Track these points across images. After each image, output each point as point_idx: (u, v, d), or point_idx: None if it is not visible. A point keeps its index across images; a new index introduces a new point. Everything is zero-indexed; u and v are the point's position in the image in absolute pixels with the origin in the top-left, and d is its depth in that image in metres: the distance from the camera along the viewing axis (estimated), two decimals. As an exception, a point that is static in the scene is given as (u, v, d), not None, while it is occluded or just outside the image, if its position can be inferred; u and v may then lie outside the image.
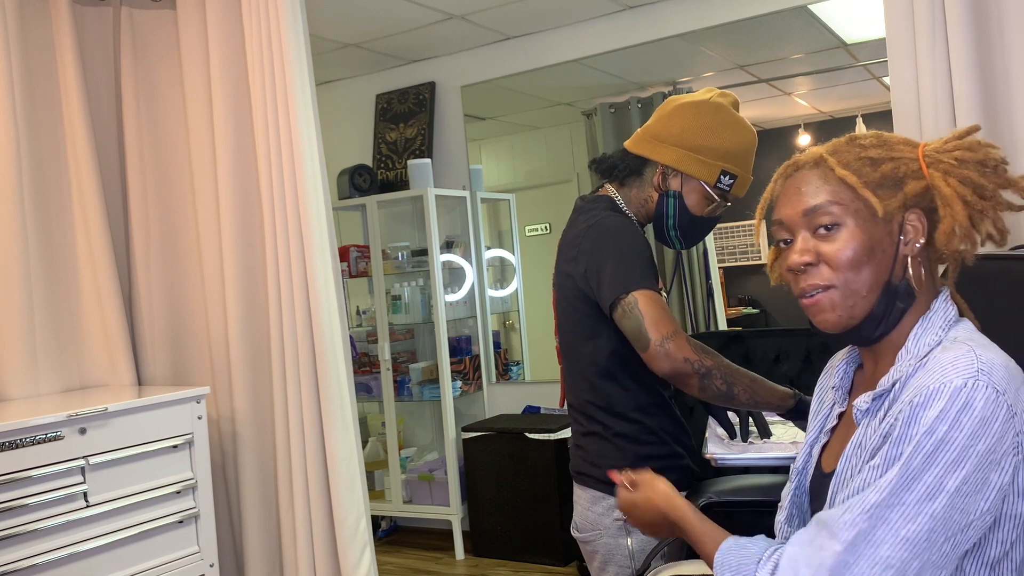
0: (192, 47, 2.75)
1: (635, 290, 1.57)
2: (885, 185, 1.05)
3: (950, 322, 1.04)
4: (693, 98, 1.72)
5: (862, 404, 1.05)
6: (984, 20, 1.63)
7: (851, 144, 1.09)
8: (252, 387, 2.70)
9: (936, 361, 0.96)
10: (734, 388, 1.54)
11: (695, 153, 1.68)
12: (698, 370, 1.52)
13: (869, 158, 1.06)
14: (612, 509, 1.65)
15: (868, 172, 1.05)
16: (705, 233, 1.79)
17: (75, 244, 2.69)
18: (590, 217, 1.71)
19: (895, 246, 1.05)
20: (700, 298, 3.83)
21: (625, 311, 1.57)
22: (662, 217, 1.73)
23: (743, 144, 1.70)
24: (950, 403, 0.90)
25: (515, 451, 3.77)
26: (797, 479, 1.20)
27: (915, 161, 1.05)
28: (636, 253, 1.62)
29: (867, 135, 1.10)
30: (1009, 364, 0.96)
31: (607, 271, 1.60)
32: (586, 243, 1.67)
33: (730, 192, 1.70)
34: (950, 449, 0.89)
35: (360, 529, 2.51)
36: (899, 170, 1.05)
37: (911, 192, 1.04)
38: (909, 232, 1.05)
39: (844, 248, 1.04)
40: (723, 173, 1.67)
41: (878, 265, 1.04)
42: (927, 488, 0.89)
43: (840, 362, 1.20)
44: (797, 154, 1.13)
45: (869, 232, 1.04)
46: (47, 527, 2.09)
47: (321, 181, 2.55)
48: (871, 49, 3.40)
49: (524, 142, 4.37)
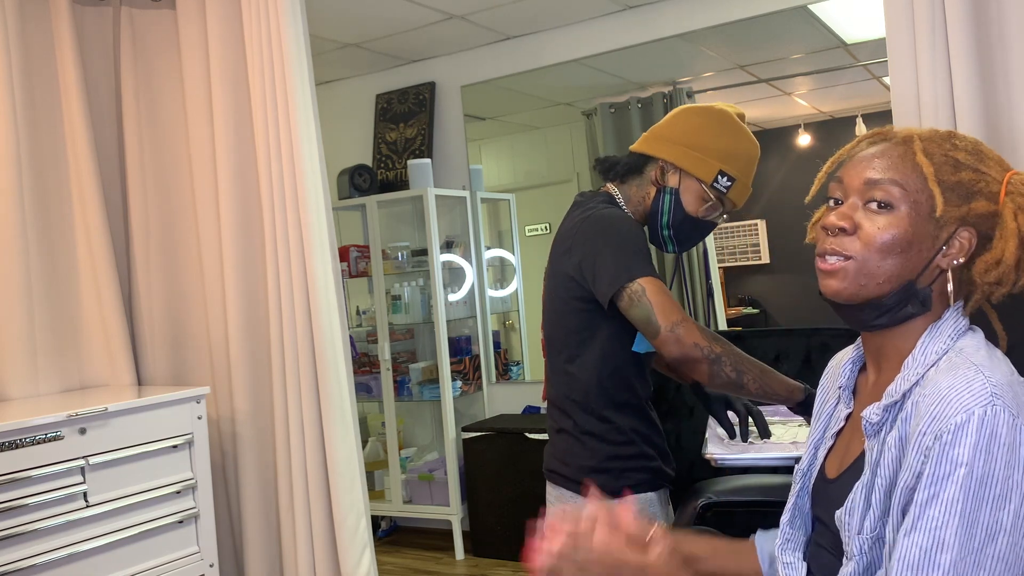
0: (192, 47, 2.75)
1: (639, 277, 1.57)
2: (956, 191, 1.02)
3: (959, 331, 1.02)
4: (699, 104, 1.75)
5: (872, 417, 1.01)
6: (984, 20, 1.63)
7: (946, 139, 1.06)
8: (252, 387, 2.70)
9: (950, 388, 0.93)
10: (744, 377, 1.53)
11: (694, 150, 1.69)
12: (708, 356, 1.52)
13: (955, 159, 1.03)
14: (579, 509, 1.66)
15: (947, 171, 1.02)
16: (698, 237, 1.78)
17: (75, 244, 2.69)
18: (586, 210, 1.72)
19: (935, 252, 1.02)
20: (700, 298, 3.83)
21: (632, 300, 1.57)
22: (657, 214, 1.73)
23: (744, 150, 1.71)
24: (978, 436, 0.88)
25: (515, 451, 3.77)
26: (801, 481, 1.20)
27: (997, 183, 1.02)
28: (634, 242, 1.62)
29: (967, 139, 1.07)
30: (1013, 380, 0.94)
31: (606, 261, 1.61)
32: (581, 235, 1.67)
33: (727, 195, 1.70)
34: (993, 484, 0.87)
35: (360, 529, 2.51)
36: (976, 184, 1.02)
37: (977, 210, 1.01)
38: (955, 246, 1.02)
39: (884, 231, 1.01)
40: (721, 173, 1.68)
41: (908, 262, 1.02)
42: (987, 529, 0.87)
43: (847, 361, 1.18)
44: (890, 126, 1.10)
45: (916, 227, 1.01)
46: (47, 527, 2.09)
47: (321, 181, 2.55)
48: (871, 49, 3.40)
49: (524, 142, 4.37)
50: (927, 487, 0.90)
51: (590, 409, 1.68)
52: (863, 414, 1.03)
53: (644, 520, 1.08)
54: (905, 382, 1.00)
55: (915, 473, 0.92)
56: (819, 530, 1.15)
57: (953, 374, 0.95)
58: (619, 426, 1.67)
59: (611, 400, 1.68)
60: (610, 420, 1.68)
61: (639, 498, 1.67)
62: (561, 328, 1.72)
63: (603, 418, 1.68)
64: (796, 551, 1.18)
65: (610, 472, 1.66)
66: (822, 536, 1.13)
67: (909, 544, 0.90)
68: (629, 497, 1.66)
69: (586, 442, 1.68)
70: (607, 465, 1.67)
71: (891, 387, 1.01)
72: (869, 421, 1.02)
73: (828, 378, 1.26)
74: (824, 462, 1.16)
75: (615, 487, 1.66)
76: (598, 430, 1.68)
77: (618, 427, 1.67)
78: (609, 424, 1.68)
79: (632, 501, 1.67)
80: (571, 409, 1.71)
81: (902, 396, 1.00)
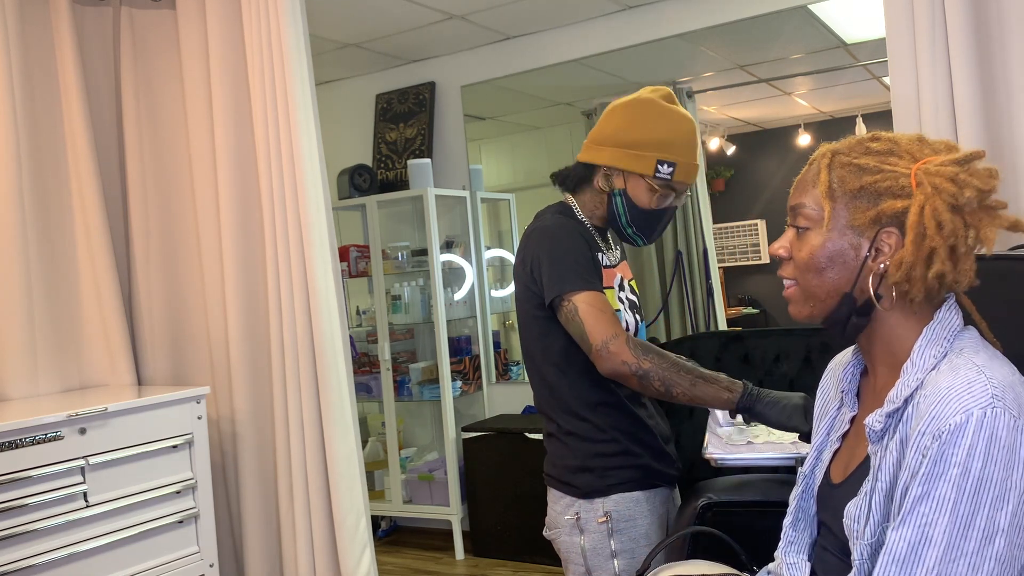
0: (192, 47, 2.75)
1: (571, 293, 1.62)
2: (863, 197, 1.02)
3: (955, 332, 1.02)
4: (625, 98, 1.77)
5: (875, 424, 1.01)
6: (984, 20, 1.63)
7: (857, 146, 1.06)
8: (252, 387, 2.70)
9: (950, 388, 0.93)
10: (673, 389, 1.56)
11: (628, 148, 1.70)
12: (635, 372, 1.57)
13: (858, 165, 1.03)
14: (568, 508, 1.70)
15: (851, 179, 1.03)
16: (662, 224, 1.78)
17: (75, 244, 2.68)
18: (536, 222, 1.77)
19: (862, 260, 1.03)
20: (700, 298, 3.83)
21: (567, 317, 1.63)
22: (615, 217, 1.76)
23: (677, 132, 1.71)
24: (976, 437, 0.88)
25: (515, 451, 3.77)
26: (804, 483, 1.19)
27: (907, 178, 1.00)
28: (567, 252, 1.66)
29: (887, 138, 1.05)
30: (1014, 381, 0.94)
31: (545, 271, 1.66)
32: (529, 246, 1.73)
33: (673, 179, 1.70)
34: (991, 486, 0.87)
35: (360, 529, 2.51)
36: (881, 184, 1.01)
37: (888, 210, 1.00)
38: (884, 249, 1.02)
39: (805, 252, 1.06)
40: (660, 162, 1.69)
41: (839, 275, 1.04)
42: (983, 532, 0.87)
43: (848, 364, 1.17)
44: (824, 144, 1.11)
45: (832, 241, 1.03)
46: (47, 527, 2.09)
47: (321, 181, 2.55)
48: (871, 49, 3.40)
49: (524, 142, 4.37)
50: (921, 484, 0.90)
51: (569, 410, 1.71)
52: (866, 421, 1.03)
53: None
54: (906, 387, 1.00)
55: (913, 472, 0.92)
56: (824, 534, 1.15)
57: (954, 375, 0.94)
58: (598, 425, 1.70)
59: (585, 400, 1.70)
60: (588, 419, 1.70)
61: (625, 497, 1.68)
62: (528, 336, 1.76)
63: (582, 418, 1.70)
64: (800, 553, 1.18)
65: (593, 471, 1.68)
66: (827, 540, 1.13)
67: (897, 538, 0.91)
68: (614, 496, 1.67)
69: (569, 442, 1.71)
70: (590, 464, 1.69)
71: (892, 392, 1.01)
72: (873, 429, 1.02)
73: (829, 379, 1.25)
74: (829, 466, 1.16)
75: (600, 486, 1.68)
76: (579, 430, 1.70)
77: (598, 426, 1.70)
78: (588, 423, 1.70)
79: (617, 500, 1.67)
80: (553, 413, 1.74)
81: (904, 402, 0.99)
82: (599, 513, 1.67)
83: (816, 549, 1.17)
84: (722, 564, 1.43)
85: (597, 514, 1.67)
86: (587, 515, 1.67)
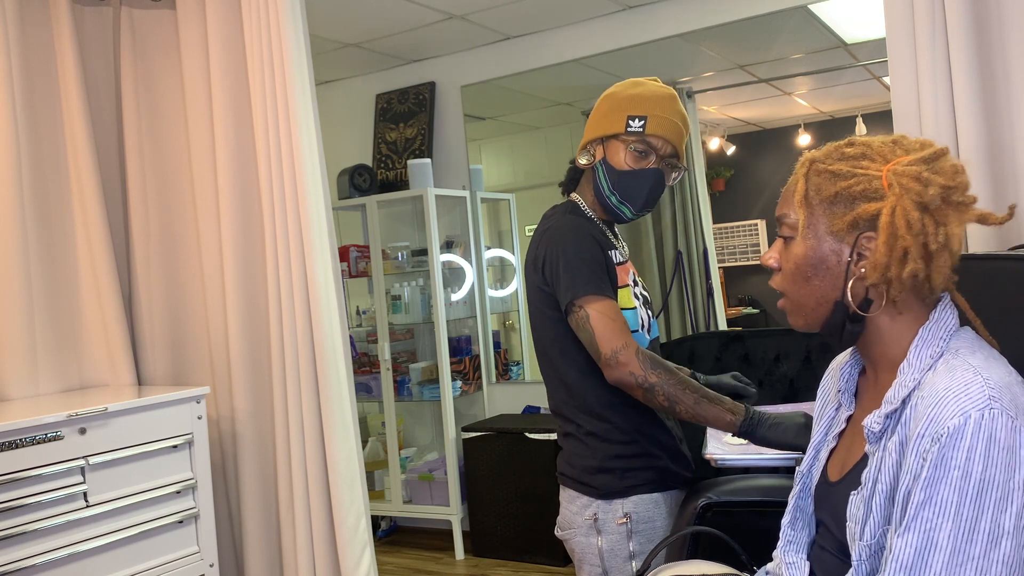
0: (192, 47, 2.75)
1: (583, 299, 1.62)
2: (839, 202, 1.02)
3: (950, 331, 1.01)
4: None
5: (873, 425, 1.01)
6: (984, 20, 1.63)
7: (833, 151, 1.06)
8: (252, 387, 2.70)
9: (947, 390, 0.92)
10: (677, 406, 1.57)
11: (601, 117, 1.75)
12: (641, 384, 1.57)
13: (832, 171, 1.03)
14: (585, 508, 1.69)
15: (827, 185, 1.03)
16: (645, 188, 1.72)
17: (75, 244, 2.68)
18: (548, 222, 1.78)
19: (847, 265, 1.02)
20: (700, 298, 3.83)
21: (578, 324, 1.63)
22: (599, 191, 1.75)
23: (646, 92, 1.74)
24: (975, 439, 0.88)
25: (515, 451, 3.77)
26: (802, 482, 1.20)
27: (878, 180, 1.00)
28: (580, 255, 1.66)
29: (856, 143, 1.05)
30: (1011, 381, 0.94)
31: (560, 275, 1.66)
32: (542, 248, 1.73)
33: (646, 132, 1.70)
34: (993, 489, 0.87)
35: (360, 529, 2.51)
36: (854, 188, 1.01)
37: (864, 214, 1.00)
38: (866, 254, 1.01)
39: (790, 261, 1.06)
40: (630, 118, 1.70)
41: (826, 282, 1.04)
42: (988, 535, 0.86)
43: (845, 364, 1.17)
44: (806, 150, 1.11)
45: (815, 249, 1.03)
46: (47, 527, 2.09)
47: (321, 181, 2.55)
48: (871, 49, 3.40)
49: (524, 142, 4.37)
50: (923, 489, 0.90)
51: (590, 411, 1.70)
52: (864, 423, 1.03)
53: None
54: (903, 388, 1.00)
55: (914, 475, 0.92)
56: (822, 533, 1.15)
57: (951, 376, 0.94)
58: (620, 426, 1.68)
59: (607, 401, 1.69)
60: (610, 420, 1.69)
61: (644, 498, 1.67)
62: (545, 339, 1.75)
63: (603, 418, 1.69)
64: (799, 552, 1.18)
65: (613, 472, 1.67)
66: (825, 539, 1.13)
67: (903, 544, 0.90)
68: (633, 497, 1.67)
69: (589, 443, 1.70)
70: (610, 465, 1.67)
71: (890, 393, 1.01)
72: (871, 430, 1.02)
73: (829, 379, 1.26)
74: (826, 465, 1.16)
75: (619, 487, 1.67)
76: (600, 430, 1.69)
77: (619, 427, 1.68)
78: (610, 424, 1.69)
79: (636, 501, 1.67)
80: (573, 413, 1.72)
81: (901, 402, 0.99)
82: (619, 514, 1.66)
83: (814, 548, 1.17)
84: (722, 564, 1.43)
85: (616, 515, 1.66)
86: (605, 516, 1.67)
